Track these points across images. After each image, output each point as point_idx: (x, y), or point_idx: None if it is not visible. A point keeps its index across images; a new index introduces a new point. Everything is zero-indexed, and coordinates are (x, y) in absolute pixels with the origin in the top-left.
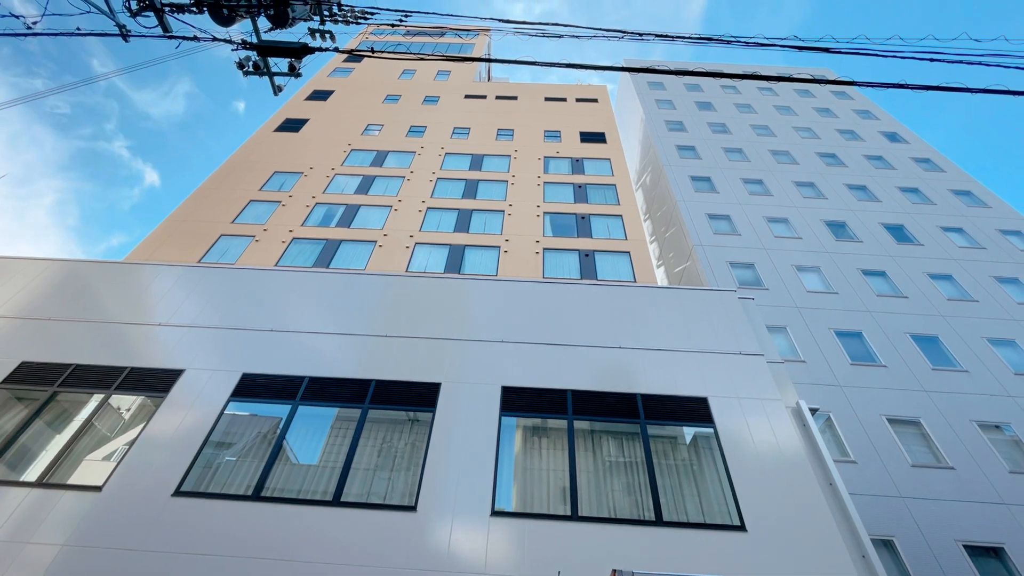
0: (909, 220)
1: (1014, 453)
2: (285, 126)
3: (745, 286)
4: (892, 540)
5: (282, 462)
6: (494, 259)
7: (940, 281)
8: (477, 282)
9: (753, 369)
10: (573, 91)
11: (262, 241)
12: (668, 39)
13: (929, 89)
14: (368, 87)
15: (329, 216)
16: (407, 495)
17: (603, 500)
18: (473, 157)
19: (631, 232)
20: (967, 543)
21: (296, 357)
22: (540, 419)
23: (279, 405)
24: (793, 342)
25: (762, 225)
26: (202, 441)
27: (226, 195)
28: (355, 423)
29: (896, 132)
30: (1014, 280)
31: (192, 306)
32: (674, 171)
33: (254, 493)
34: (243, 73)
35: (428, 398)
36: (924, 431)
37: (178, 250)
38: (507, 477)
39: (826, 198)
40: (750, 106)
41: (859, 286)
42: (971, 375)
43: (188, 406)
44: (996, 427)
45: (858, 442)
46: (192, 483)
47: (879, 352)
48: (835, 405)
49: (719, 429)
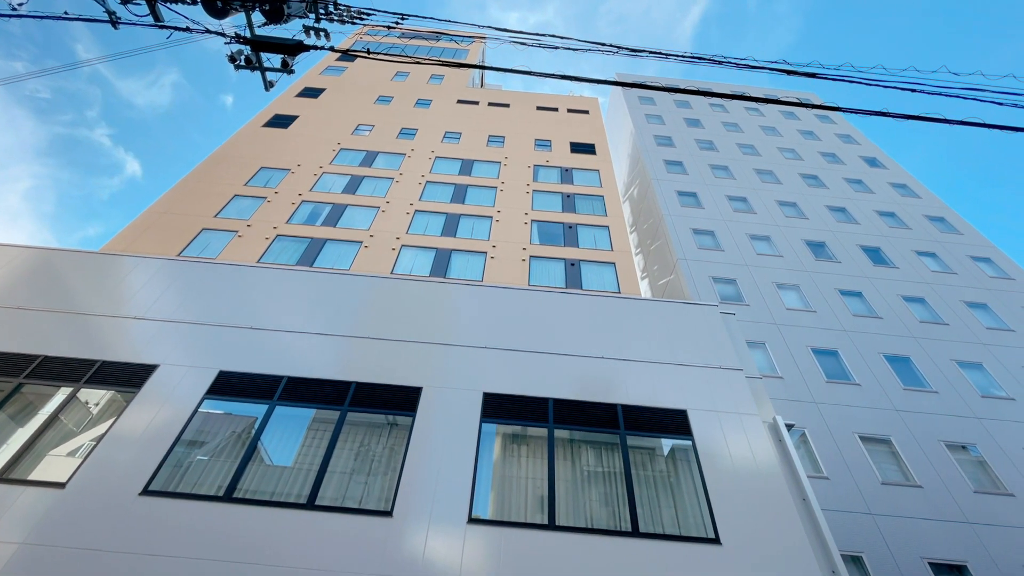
0: (885, 243)
1: (979, 473)
2: (274, 122)
3: (727, 301)
4: (861, 556)
5: (256, 463)
6: (480, 265)
7: (913, 304)
8: (462, 287)
9: (732, 383)
10: (565, 102)
11: (245, 237)
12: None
13: (909, 118)
14: (360, 87)
15: (315, 215)
16: (383, 500)
17: (580, 510)
18: (463, 162)
19: (617, 243)
20: (932, 560)
21: (275, 356)
22: (521, 427)
23: (255, 404)
24: (771, 358)
25: (745, 242)
26: (174, 439)
27: (210, 188)
28: (333, 425)
29: (876, 157)
30: (983, 305)
31: (170, 300)
32: (661, 185)
33: (226, 494)
34: (234, 67)
35: (409, 402)
36: (894, 449)
37: (157, 243)
38: (485, 484)
39: (807, 218)
40: (737, 125)
41: (836, 305)
42: (940, 396)
43: (161, 402)
44: (963, 447)
45: (831, 458)
46: (161, 482)
47: (853, 371)
48: (810, 421)
49: (697, 442)
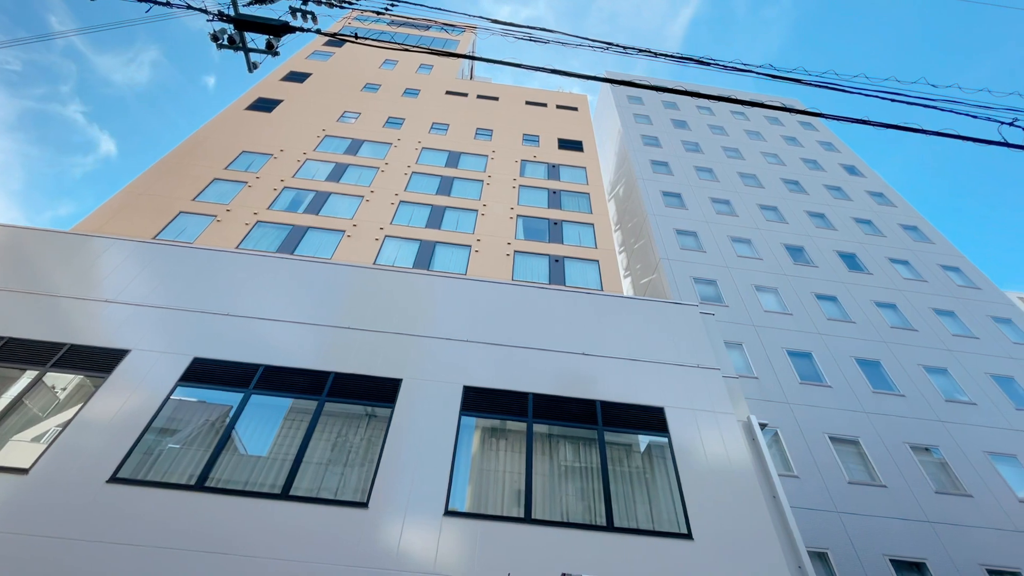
0: (861, 249)
1: (940, 474)
2: (257, 105)
3: (707, 301)
4: (827, 552)
5: (230, 452)
6: (464, 258)
7: (885, 309)
8: (446, 280)
9: (709, 382)
10: (554, 97)
11: (224, 222)
12: (650, 55)
13: (889, 127)
14: (347, 73)
15: (297, 201)
16: (360, 491)
17: (557, 504)
18: (450, 154)
19: (601, 241)
20: (893, 557)
21: (252, 344)
22: (500, 420)
23: (230, 393)
24: (748, 358)
25: (726, 244)
26: (144, 426)
27: (189, 171)
28: (310, 415)
29: (855, 166)
30: (951, 313)
31: (143, 284)
32: (647, 185)
33: (198, 483)
34: (217, 46)
35: (388, 394)
36: (862, 450)
37: (132, 224)
38: (463, 477)
39: (787, 223)
40: (723, 128)
41: (812, 309)
42: (907, 399)
43: (131, 388)
44: (926, 449)
45: (801, 458)
46: (130, 470)
47: (826, 373)
48: (783, 421)
49: (673, 439)
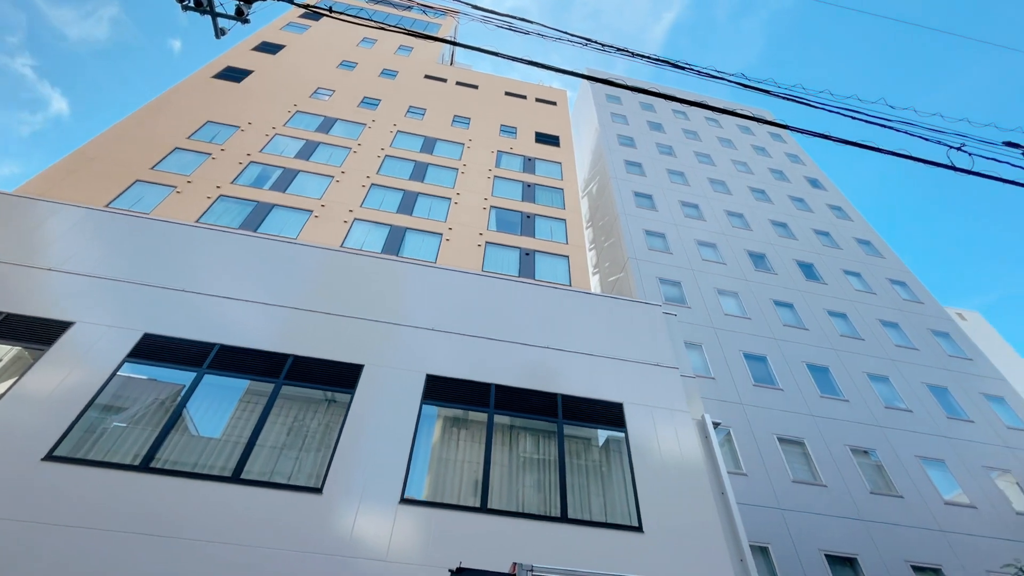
0: (818, 260)
1: (875, 476)
2: (225, 74)
3: (670, 302)
4: (768, 547)
5: (179, 432)
6: (435, 246)
7: (836, 318)
8: (415, 267)
9: (668, 381)
10: (534, 90)
11: (184, 193)
12: (628, 55)
13: (848, 143)
14: (323, 49)
15: (264, 177)
16: (314, 477)
17: (513, 495)
18: (426, 139)
19: (572, 237)
20: (829, 552)
21: (207, 322)
22: (462, 410)
23: (183, 371)
24: (707, 359)
25: (692, 247)
26: (87, 402)
27: (148, 137)
28: (266, 398)
29: (818, 179)
30: (895, 325)
31: (92, 253)
32: (620, 184)
33: (143, 463)
34: (182, 7)
35: (348, 379)
36: (807, 451)
37: (83, 190)
38: (422, 466)
39: (751, 230)
40: (696, 134)
41: (769, 314)
42: (850, 404)
43: (74, 362)
44: (864, 452)
45: (751, 457)
46: (69, 448)
47: (779, 376)
48: (736, 421)
49: (630, 434)
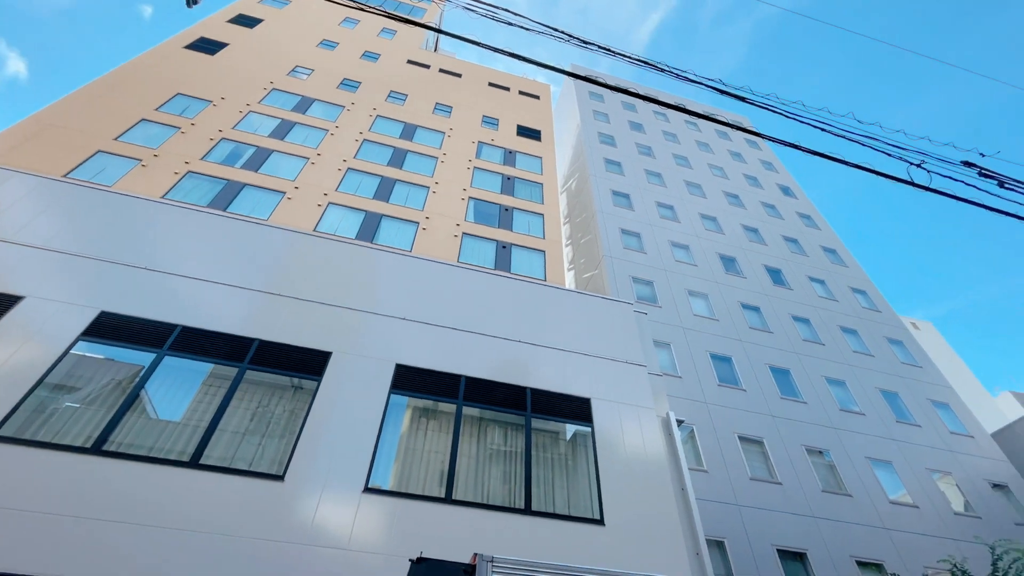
0: (786, 266)
1: (828, 475)
2: (198, 45)
3: (642, 301)
4: (723, 541)
5: (137, 414)
6: (411, 234)
7: (800, 323)
8: (389, 255)
9: (635, 378)
10: (517, 83)
11: (150, 167)
12: (611, 54)
13: (816, 154)
14: (303, 26)
15: (235, 155)
16: (276, 463)
17: (479, 486)
18: (406, 126)
19: (549, 232)
20: (780, 547)
21: (170, 302)
22: (431, 401)
23: (142, 352)
24: (674, 358)
25: (666, 248)
26: (35, 381)
27: (113, 106)
28: (230, 382)
29: (789, 187)
30: (854, 331)
31: (46, 225)
32: (599, 182)
33: (94, 446)
34: None
35: (315, 366)
36: (765, 450)
37: (39, 157)
38: (388, 455)
39: (724, 234)
40: (675, 136)
41: (737, 317)
42: (808, 406)
43: (23, 339)
44: (819, 452)
45: (712, 454)
46: (15, 427)
47: (742, 377)
48: (700, 419)
49: (596, 429)
